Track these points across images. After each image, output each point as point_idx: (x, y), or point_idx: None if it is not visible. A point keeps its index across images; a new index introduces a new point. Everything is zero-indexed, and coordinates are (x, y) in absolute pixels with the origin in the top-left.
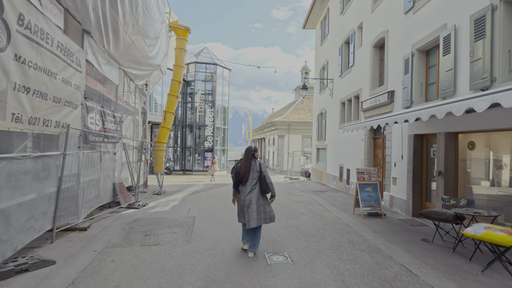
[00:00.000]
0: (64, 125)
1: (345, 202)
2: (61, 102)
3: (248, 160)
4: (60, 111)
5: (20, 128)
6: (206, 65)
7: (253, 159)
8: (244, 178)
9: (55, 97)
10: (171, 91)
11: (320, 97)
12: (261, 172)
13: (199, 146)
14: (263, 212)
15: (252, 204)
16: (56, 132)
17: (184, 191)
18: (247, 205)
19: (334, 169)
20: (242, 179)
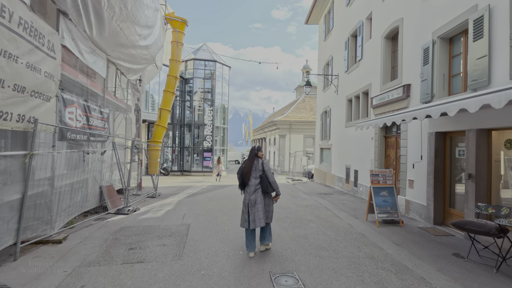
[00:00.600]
0: (31, 119)
1: (354, 206)
2: (26, 92)
3: (251, 159)
4: (25, 102)
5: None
6: (205, 62)
7: (256, 158)
8: (246, 177)
9: (17, 85)
10: (167, 87)
11: (324, 95)
12: (263, 171)
13: (198, 146)
14: (268, 211)
15: (257, 204)
16: (19, 128)
17: (180, 194)
18: (252, 204)
19: (340, 170)
20: (245, 178)
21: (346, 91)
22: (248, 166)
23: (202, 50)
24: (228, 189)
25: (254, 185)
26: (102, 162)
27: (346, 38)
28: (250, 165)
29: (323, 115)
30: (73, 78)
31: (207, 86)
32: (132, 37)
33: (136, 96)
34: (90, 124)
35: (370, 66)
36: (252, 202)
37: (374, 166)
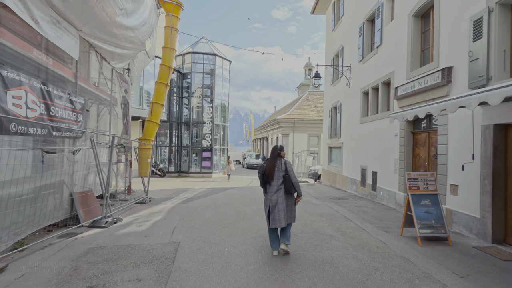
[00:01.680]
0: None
1: (378, 215)
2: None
3: (274, 159)
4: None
5: None
6: (204, 55)
7: (279, 158)
8: (269, 177)
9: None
10: (160, 78)
11: (333, 89)
12: (286, 171)
13: (196, 145)
14: (290, 210)
15: (279, 204)
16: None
17: (174, 199)
18: (274, 204)
19: (353, 172)
20: (267, 178)
21: (360, 83)
22: (271, 166)
23: (201, 43)
24: (229, 192)
25: (276, 185)
26: (74, 163)
27: (361, 24)
28: (273, 165)
29: (331, 111)
30: (21, 51)
31: (206, 81)
32: (109, 9)
33: (123, 87)
34: (53, 115)
35: (392, 52)
36: (274, 202)
37: (399, 168)
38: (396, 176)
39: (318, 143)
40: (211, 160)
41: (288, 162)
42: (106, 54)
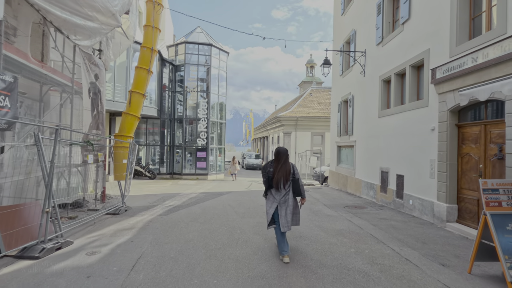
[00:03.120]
0: None
1: (414, 233)
2: None
3: (284, 163)
4: None
5: None
6: (199, 45)
7: (287, 161)
8: (279, 183)
9: None
10: (140, 62)
11: (343, 81)
12: (294, 174)
13: (190, 145)
14: (296, 213)
15: (289, 207)
16: None
17: (157, 208)
18: (283, 208)
19: (370, 175)
20: (277, 184)
21: (379, 70)
22: (286, 171)
23: (196, 32)
24: (224, 198)
25: (285, 190)
26: None
27: (379, 0)
28: (288, 170)
29: (341, 105)
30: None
31: (202, 75)
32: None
33: (93, 72)
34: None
35: (426, 26)
36: (283, 206)
37: (438, 171)
38: (434, 182)
39: (323, 142)
40: (207, 160)
41: (294, 165)
42: (64, 26)
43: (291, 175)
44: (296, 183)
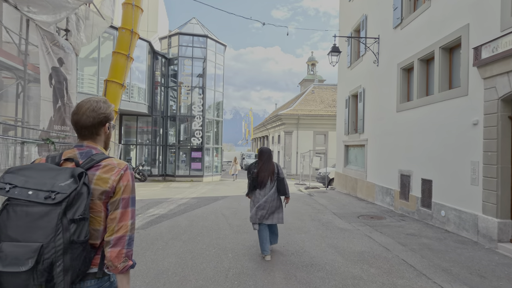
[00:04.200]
0: None
1: (460, 258)
2: None
3: (268, 163)
4: None
5: None
6: (194, 37)
7: (271, 161)
8: (263, 182)
9: None
10: (118, 46)
11: (352, 73)
12: (278, 174)
13: (184, 144)
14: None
15: (272, 207)
16: None
17: (137, 217)
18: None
19: (386, 178)
20: (260, 183)
21: (398, 57)
22: (269, 170)
23: (191, 24)
24: (218, 205)
25: (269, 189)
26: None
27: None
28: (271, 169)
29: (349, 100)
30: None
31: (197, 69)
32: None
33: (56, 55)
34: None
35: None
36: (265, 203)
37: (484, 176)
38: (477, 190)
39: (326, 142)
40: (202, 161)
41: (278, 164)
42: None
43: (275, 175)
44: (281, 182)
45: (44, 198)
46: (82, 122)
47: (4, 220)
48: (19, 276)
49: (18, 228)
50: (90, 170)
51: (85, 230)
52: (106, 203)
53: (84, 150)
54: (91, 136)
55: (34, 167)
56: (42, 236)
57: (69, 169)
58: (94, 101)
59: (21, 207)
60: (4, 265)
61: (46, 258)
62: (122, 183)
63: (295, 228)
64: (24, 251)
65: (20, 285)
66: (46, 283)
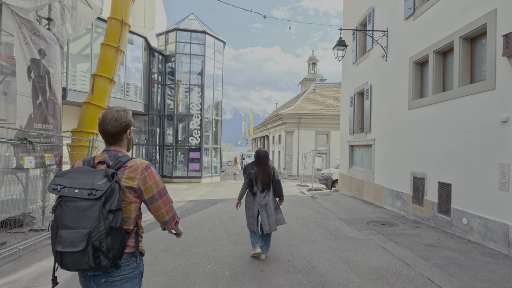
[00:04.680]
0: None
1: (494, 277)
2: None
3: (265, 166)
4: None
5: None
6: (192, 33)
7: (268, 164)
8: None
9: None
10: (107, 38)
11: (357, 69)
12: (274, 176)
13: (182, 144)
14: (278, 213)
15: (269, 208)
16: None
17: None
18: (264, 210)
19: (397, 180)
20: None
21: (410, 50)
22: (267, 173)
23: (189, 19)
24: (216, 209)
25: (265, 192)
26: None
27: None
28: (269, 172)
29: (354, 98)
30: None
31: (195, 66)
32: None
33: (36, 46)
34: None
35: None
36: (263, 206)
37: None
38: (508, 195)
39: (328, 142)
40: (200, 161)
41: (274, 167)
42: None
43: (272, 177)
44: (277, 184)
45: (87, 194)
46: (108, 131)
47: (60, 213)
48: (75, 255)
49: (71, 219)
50: (119, 170)
51: (120, 218)
52: (138, 197)
53: (112, 154)
54: (116, 142)
55: (75, 170)
56: (89, 224)
57: (102, 171)
58: (115, 111)
59: (71, 203)
60: (64, 247)
61: (93, 240)
62: (151, 181)
63: (300, 237)
64: (77, 236)
65: (76, 261)
66: (94, 259)
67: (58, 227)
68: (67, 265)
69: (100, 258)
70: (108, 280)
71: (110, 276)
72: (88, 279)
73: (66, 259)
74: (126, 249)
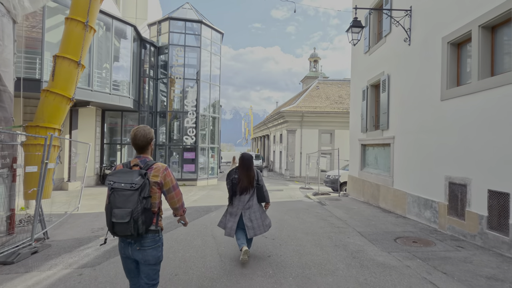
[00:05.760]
0: None
1: None
2: None
3: (249, 169)
4: None
5: None
6: (187, 23)
7: (252, 168)
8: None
9: None
10: (73, 11)
11: (371, 59)
12: (258, 181)
13: (176, 143)
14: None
15: (253, 213)
16: None
17: (94, 244)
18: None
19: (424, 186)
20: (242, 189)
21: (442, 28)
22: (250, 177)
23: (183, 8)
24: (208, 221)
25: (249, 196)
26: None
27: None
28: (252, 176)
29: (367, 92)
30: None
31: (191, 60)
32: None
33: None
34: None
35: None
36: (247, 210)
37: None
38: None
39: (332, 141)
40: (196, 162)
41: (258, 172)
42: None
43: (255, 181)
44: (260, 189)
45: (130, 187)
46: (139, 145)
47: (114, 199)
48: (123, 224)
49: (120, 202)
50: (148, 171)
51: (149, 202)
52: (160, 189)
53: (142, 159)
54: (144, 151)
55: (120, 171)
56: (131, 205)
57: (137, 171)
58: (142, 129)
59: (119, 192)
60: (117, 219)
61: (134, 216)
62: (168, 178)
63: (315, 264)
64: (125, 213)
65: (123, 229)
66: (134, 228)
67: (111, 207)
68: (117, 232)
69: (138, 227)
70: (141, 248)
71: (142, 245)
72: (126, 245)
73: (117, 228)
74: (152, 225)
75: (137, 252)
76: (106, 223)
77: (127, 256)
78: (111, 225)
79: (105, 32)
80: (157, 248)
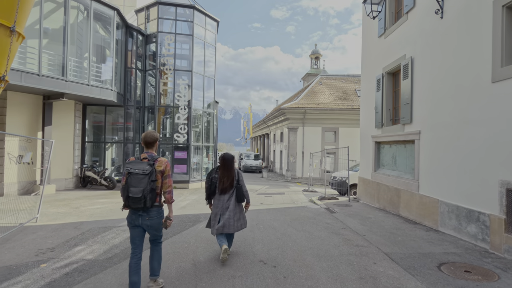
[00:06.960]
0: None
1: None
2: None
3: (229, 170)
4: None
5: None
6: (178, 8)
7: (233, 168)
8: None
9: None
10: None
11: (387, 42)
12: (238, 181)
13: (166, 142)
14: (242, 218)
15: (230, 211)
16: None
17: (35, 275)
18: (225, 213)
19: (468, 192)
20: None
21: None
22: (230, 177)
23: None
24: (194, 234)
25: (228, 195)
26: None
27: None
28: (232, 176)
29: (383, 81)
30: None
31: (183, 50)
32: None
33: None
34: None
35: None
36: (225, 209)
37: None
38: None
39: (336, 140)
40: (188, 163)
41: (239, 172)
42: None
43: (235, 182)
44: (240, 190)
45: (142, 172)
46: (148, 142)
47: (130, 180)
48: (136, 199)
49: (135, 183)
50: (154, 162)
51: (155, 185)
52: (161, 176)
53: (149, 154)
54: (151, 147)
55: (133, 162)
56: (143, 185)
57: (147, 162)
58: (151, 132)
59: (135, 175)
60: (132, 194)
61: (144, 193)
62: (167, 169)
63: None
64: (138, 190)
65: (136, 202)
66: (143, 202)
67: (128, 186)
68: (132, 204)
69: (147, 202)
70: (150, 218)
71: (150, 216)
72: (137, 216)
73: (131, 201)
74: (156, 202)
75: (146, 221)
76: (123, 199)
77: (137, 225)
78: (127, 200)
79: (83, 15)
80: (160, 218)
